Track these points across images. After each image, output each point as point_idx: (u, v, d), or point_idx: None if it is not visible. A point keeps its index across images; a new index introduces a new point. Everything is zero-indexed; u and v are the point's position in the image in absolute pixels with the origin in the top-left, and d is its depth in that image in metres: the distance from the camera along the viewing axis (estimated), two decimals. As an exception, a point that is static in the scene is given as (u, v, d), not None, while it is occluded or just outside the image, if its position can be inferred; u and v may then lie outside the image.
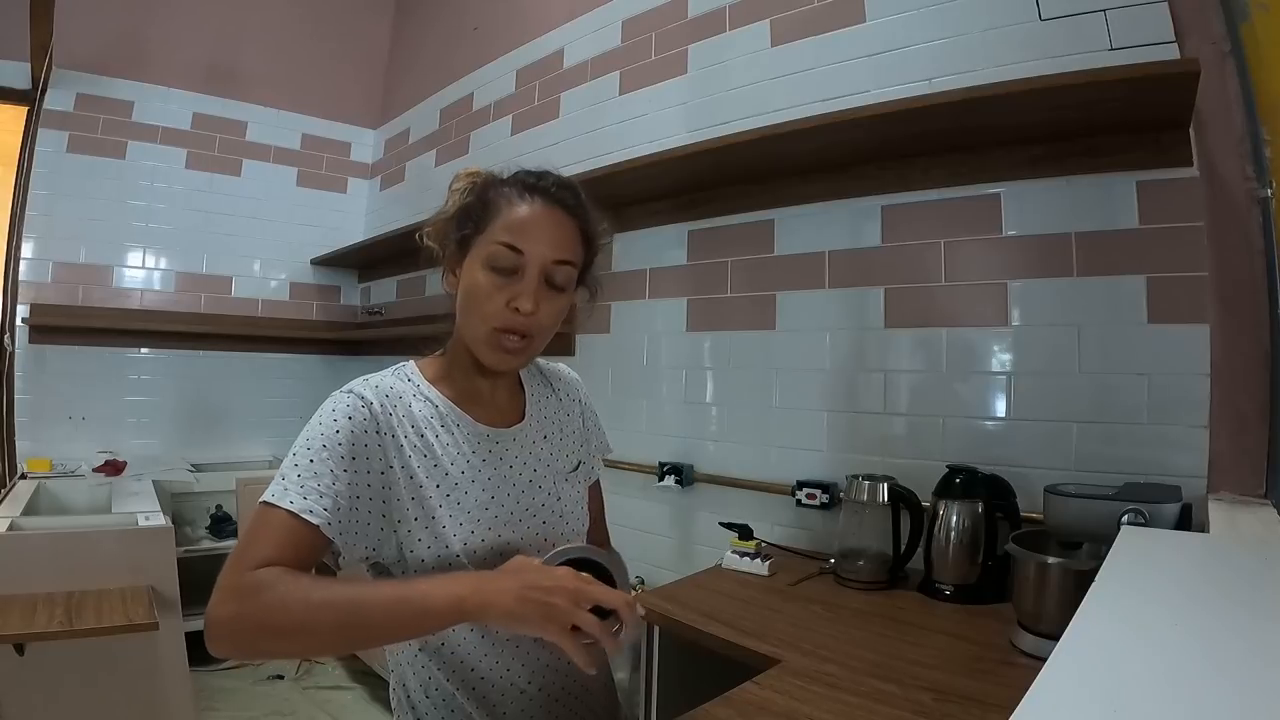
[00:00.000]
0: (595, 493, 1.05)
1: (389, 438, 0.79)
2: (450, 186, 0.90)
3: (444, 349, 0.92)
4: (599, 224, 0.88)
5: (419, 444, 0.81)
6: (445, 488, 0.81)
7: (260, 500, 0.73)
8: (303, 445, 0.76)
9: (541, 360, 1.01)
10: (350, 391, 0.81)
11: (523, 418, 0.92)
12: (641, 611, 0.74)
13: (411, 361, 0.91)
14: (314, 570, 0.74)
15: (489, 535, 0.83)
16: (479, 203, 0.84)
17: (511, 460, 0.89)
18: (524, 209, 0.81)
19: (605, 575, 0.77)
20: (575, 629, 0.68)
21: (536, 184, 0.83)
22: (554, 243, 0.82)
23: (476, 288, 0.81)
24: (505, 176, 0.86)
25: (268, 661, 3.03)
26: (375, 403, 0.80)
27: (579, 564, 0.76)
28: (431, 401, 0.85)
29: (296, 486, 0.73)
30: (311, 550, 0.73)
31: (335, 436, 0.76)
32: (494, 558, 0.81)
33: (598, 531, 1.07)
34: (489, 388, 0.90)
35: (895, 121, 1.52)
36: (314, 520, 0.72)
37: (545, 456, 0.93)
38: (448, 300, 0.89)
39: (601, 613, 0.70)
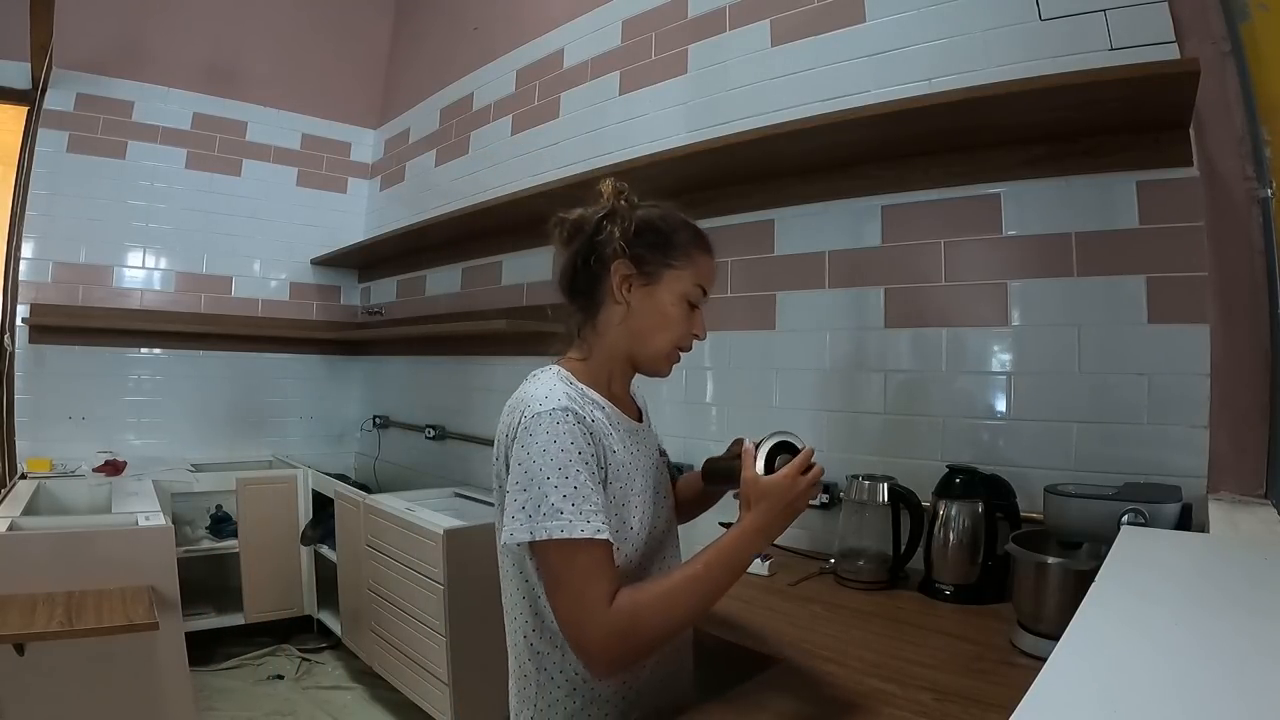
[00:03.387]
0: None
1: (599, 444, 0.91)
2: (613, 196, 1.00)
3: (583, 354, 1.02)
4: None
5: (606, 443, 0.93)
6: (623, 477, 0.95)
7: (549, 537, 0.82)
8: (555, 472, 0.84)
9: None
10: (566, 410, 0.88)
11: (640, 412, 1.10)
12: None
13: (559, 367, 0.99)
14: None
15: (650, 512, 0.99)
16: (666, 239, 0.99)
17: (648, 449, 1.04)
18: (709, 260, 1.02)
19: (789, 444, 0.97)
20: None
21: (707, 238, 1.03)
22: (713, 287, 1.04)
23: (673, 314, 0.99)
24: (679, 219, 1.01)
25: (269, 660, 3.04)
26: (586, 417, 0.90)
27: (776, 448, 0.95)
28: (600, 405, 0.97)
29: (577, 514, 0.83)
30: (614, 560, 0.86)
31: (579, 457, 0.86)
32: (649, 529, 0.98)
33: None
34: (622, 389, 1.06)
35: (895, 121, 1.52)
36: (603, 537, 0.84)
37: (654, 442, 1.10)
38: (618, 301, 0.99)
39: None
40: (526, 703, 0.98)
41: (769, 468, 0.93)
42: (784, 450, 0.96)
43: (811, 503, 0.93)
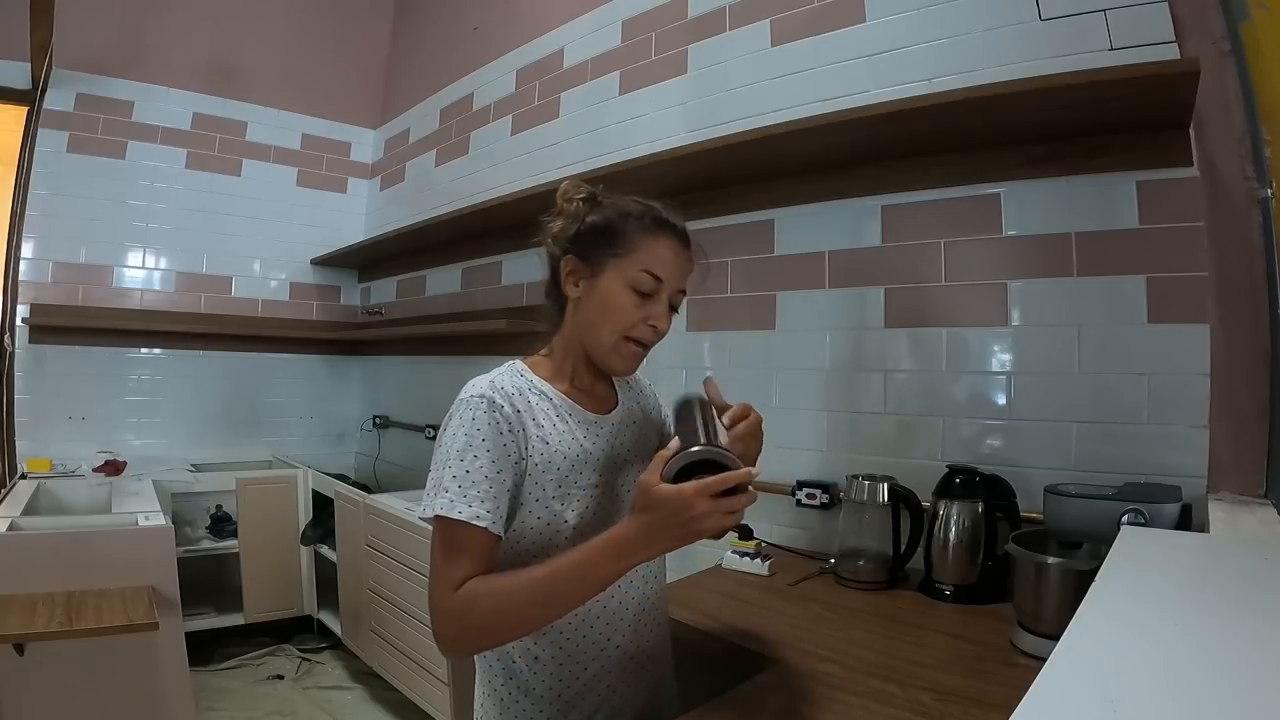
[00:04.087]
0: None
1: (519, 432, 0.90)
2: (562, 197, 1.00)
3: (548, 349, 1.03)
4: (699, 258, 1.03)
5: (539, 434, 0.92)
6: (564, 469, 0.93)
7: (433, 514, 0.85)
8: (454, 455, 0.87)
9: None
10: (482, 397, 0.90)
11: (616, 405, 1.05)
12: (756, 471, 0.83)
13: (520, 360, 1.02)
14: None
15: (596, 507, 0.95)
16: (611, 229, 0.96)
17: (613, 442, 1.01)
18: (664, 244, 0.96)
19: (717, 462, 0.82)
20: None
21: (669, 223, 0.98)
22: (681, 275, 0.98)
23: (617, 303, 0.94)
24: (635, 208, 0.97)
25: (269, 660, 3.04)
26: (505, 405, 0.90)
27: (694, 466, 0.81)
28: (547, 395, 0.97)
29: (460, 496, 0.84)
30: (489, 547, 0.86)
31: (482, 444, 0.87)
32: (598, 524, 0.92)
33: None
34: (590, 382, 1.03)
35: (895, 121, 1.52)
36: (481, 524, 0.84)
37: (632, 441, 1.05)
38: (566, 298, 0.99)
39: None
40: (478, 685, 1.01)
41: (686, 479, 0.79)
42: (710, 470, 0.80)
43: (725, 534, 0.82)
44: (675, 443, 0.84)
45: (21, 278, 3.06)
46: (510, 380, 0.95)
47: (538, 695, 0.94)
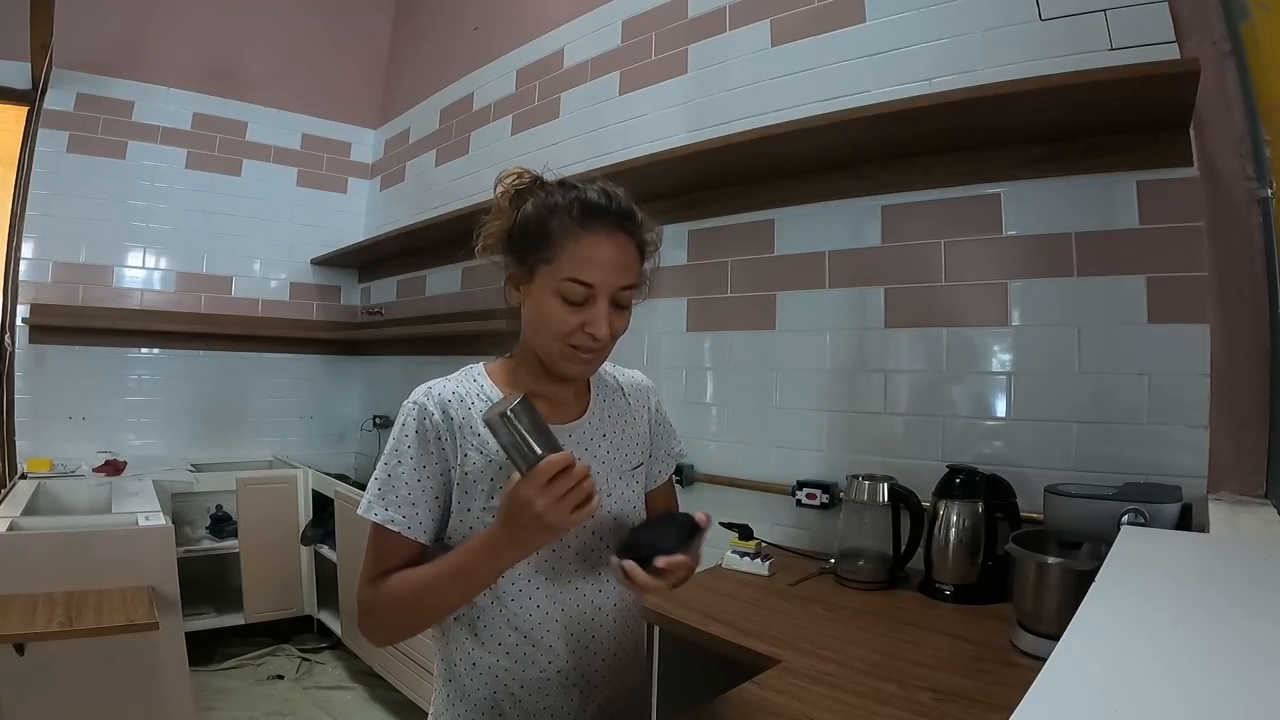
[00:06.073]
0: (667, 491, 1.11)
1: (450, 440, 0.88)
2: (496, 188, 0.92)
3: (511, 352, 0.98)
4: (651, 234, 0.92)
5: (475, 442, 0.88)
6: (499, 480, 0.87)
7: (359, 513, 0.89)
8: (383, 459, 0.89)
9: (616, 367, 1.06)
10: (415, 403, 0.90)
11: (584, 414, 0.97)
12: (569, 456, 0.78)
13: (481, 364, 0.98)
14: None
15: None
16: (539, 230, 0.86)
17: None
18: (589, 242, 0.84)
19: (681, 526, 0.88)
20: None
21: (598, 213, 0.86)
22: (619, 270, 0.86)
23: (549, 313, 0.86)
24: (561, 199, 0.87)
25: (269, 660, 3.04)
26: (436, 412, 0.88)
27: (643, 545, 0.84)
28: (492, 402, 0.90)
29: (379, 499, 0.87)
30: (404, 550, 0.87)
31: (408, 450, 0.88)
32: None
33: None
34: (552, 388, 0.95)
35: (895, 121, 1.52)
36: (395, 528, 0.86)
37: (602, 454, 0.96)
38: (510, 306, 0.95)
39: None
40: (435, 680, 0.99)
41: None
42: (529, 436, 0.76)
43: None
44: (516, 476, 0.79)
45: (21, 278, 3.06)
46: (456, 386, 0.91)
47: (472, 702, 0.91)
